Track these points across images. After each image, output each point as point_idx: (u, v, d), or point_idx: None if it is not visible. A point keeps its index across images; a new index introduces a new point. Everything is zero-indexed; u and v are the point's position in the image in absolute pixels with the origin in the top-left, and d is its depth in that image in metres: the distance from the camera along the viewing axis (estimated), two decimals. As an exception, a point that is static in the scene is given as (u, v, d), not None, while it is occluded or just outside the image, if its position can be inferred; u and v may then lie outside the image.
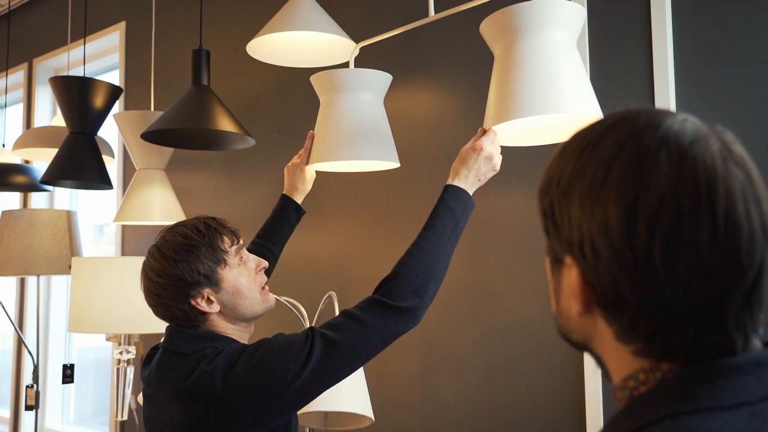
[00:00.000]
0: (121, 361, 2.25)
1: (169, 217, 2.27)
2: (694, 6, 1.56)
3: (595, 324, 0.60)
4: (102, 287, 2.09)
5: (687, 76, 1.57)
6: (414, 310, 1.19)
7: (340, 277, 2.21)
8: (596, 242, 0.56)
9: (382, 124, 1.64)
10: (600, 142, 0.58)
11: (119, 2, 3.19)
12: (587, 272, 0.57)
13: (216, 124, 1.83)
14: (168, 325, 1.29)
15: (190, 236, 1.22)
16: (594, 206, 0.56)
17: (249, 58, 1.93)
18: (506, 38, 1.23)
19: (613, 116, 0.60)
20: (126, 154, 3.02)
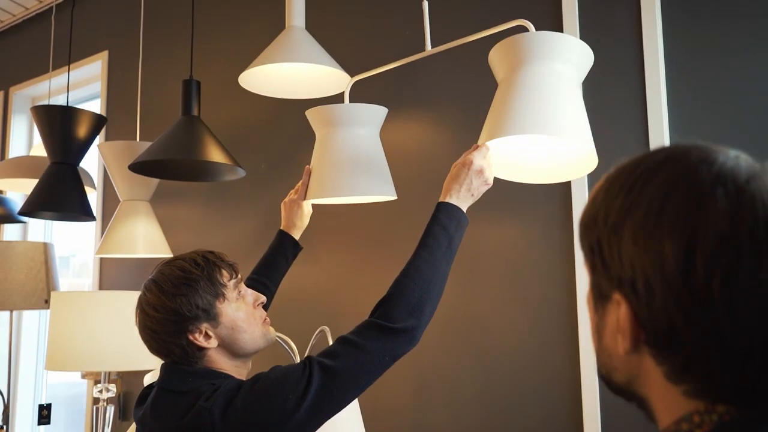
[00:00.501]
0: (101, 399, 2.16)
1: (154, 249, 2.21)
2: (686, 42, 1.59)
3: (641, 363, 0.58)
4: (82, 323, 2.02)
5: (680, 113, 1.58)
6: (412, 330, 1.17)
7: (331, 311, 2.16)
8: (650, 280, 0.54)
9: (379, 159, 1.63)
10: (651, 178, 0.57)
11: (102, 32, 3.16)
12: (638, 310, 0.55)
13: (207, 155, 1.79)
14: (163, 362, 1.24)
15: (189, 270, 1.19)
16: (648, 243, 0.54)
17: (237, 88, 1.91)
18: (512, 64, 1.24)
19: (661, 152, 0.59)
20: (106, 185, 2.96)
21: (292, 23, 1.85)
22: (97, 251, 2.24)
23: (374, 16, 2.19)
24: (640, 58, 1.63)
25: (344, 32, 2.24)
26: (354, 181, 1.56)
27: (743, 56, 1.51)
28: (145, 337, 1.21)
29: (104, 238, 2.21)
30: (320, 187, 1.59)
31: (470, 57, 1.91)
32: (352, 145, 1.60)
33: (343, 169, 1.57)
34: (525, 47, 1.22)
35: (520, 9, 1.86)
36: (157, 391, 1.20)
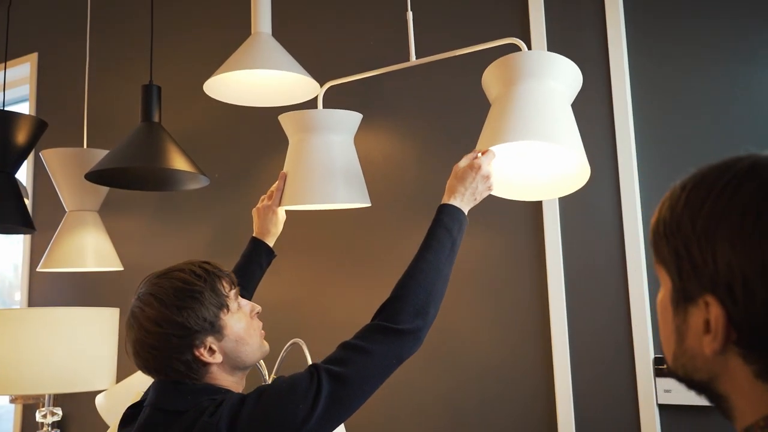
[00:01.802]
0: (45, 425, 2.01)
1: (104, 262, 2.09)
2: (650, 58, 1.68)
3: (727, 363, 0.60)
4: (13, 343, 1.88)
5: (646, 127, 1.67)
6: (417, 332, 1.17)
7: (298, 323, 2.12)
8: (750, 282, 0.56)
9: (354, 165, 1.63)
10: (742, 183, 0.59)
11: (31, 33, 2.97)
12: (733, 311, 0.57)
13: (171, 163, 1.73)
14: (155, 381, 1.17)
15: (191, 281, 1.14)
16: (747, 247, 0.57)
17: (191, 94, 1.84)
18: (509, 79, 1.28)
19: (744, 159, 0.62)
20: (37, 195, 2.78)
21: (259, 29, 1.81)
22: (42, 265, 2.09)
23: (342, 24, 2.18)
24: (607, 75, 1.71)
25: (312, 40, 2.21)
26: (330, 188, 1.55)
27: (704, 72, 1.61)
28: (144, 354, 1.14)
29: (49, 252, 2.07)
30: (296, 194, 1.57)
31: (443, 71, 1.94)
32: (327, 151, 1.58)
33: (319, 176, 1.56)
34: (523, 64, 1.28)
35: (490, 27, 1.90)
36: (150, 411, 1.13)
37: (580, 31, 1.76)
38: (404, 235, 1.98)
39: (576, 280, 1.71)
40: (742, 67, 1.57)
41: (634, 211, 1.64)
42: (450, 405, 1.87)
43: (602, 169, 1.70)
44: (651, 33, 1.68)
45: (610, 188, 1.69)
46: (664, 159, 1.64)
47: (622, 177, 1.66)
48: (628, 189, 1.65)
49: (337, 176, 1.57)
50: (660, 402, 1.57)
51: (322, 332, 2.06)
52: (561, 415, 1.68)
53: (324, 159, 1.57)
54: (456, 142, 1.92)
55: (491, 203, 1.84)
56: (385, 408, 1.95)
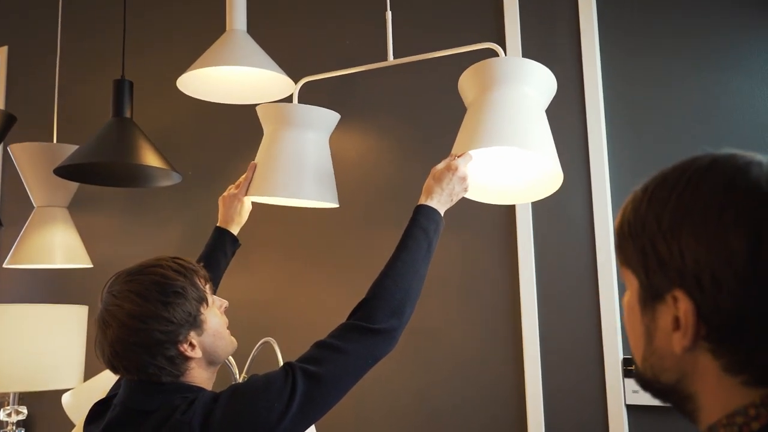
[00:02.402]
0: (10, 423, 1.97)
1: (73, 259, 2.06)
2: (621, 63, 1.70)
3: (696, 360, 0.60)
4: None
5: (618, 131, 1.69)
6: (392, 331, 1.18)
7: (268, 322, 2.10)
8: (718, 273, 0.57)
9: (326, 164, 1.62)
10: (703, 178, 0.61)
11: (2, 26, 2.92)
12: (702, 304, 0.58)
13: (142, 158, 1.70)
14: (126, 379, 1.15)
15: (172, 276, 1.12)
16: (712, 239, 0.57)
17: (164, 90, 1.82)
18: (485, 85, 1.29)
19: (704, 158, 0.63)
20: (5, 190, 2.72)
21: (234, 26, 1.80)
22: (8, 261, 2.05)
23: (319, 22, 2.17)
24: (580, 80, 1.73)
25: (288, 37, 2.20)
26: (298, 183, 1.54)
27: (677, 77, 1.64)
28: (125, 353, 1.10)
29: (16, 247, 2.03)
30: (264, 185, 1.55)
31: (420, 72, 1.94)
32: (302, 147, 1.57)
33: (289, 170, 1.54)
34: (498, 70, 1.29)
35: (467, 29, 1.91)
36: (121, 409, 1.12)
37: (554, 36, 1.78)
38: (378, 234, 1.98)
39: (547, 282, 1.72)
40: (716, 74, 1.60)
41: (605, 215, 1.66)
42: (422, 404, 1.87)
43: (574, 174, 1.71)
44: (624, 38, 1.70)
45: (582, 192, 1.70)
46: (637, 164, 1.66)
47: (594, 181, 1.68)
48: (600, 193, 1.67)
49: (306, 172, 1.56)
50: (628, 402, 1.59)
51: (294, 331, 2.05)
52: (531, 414, 1.69)
53: (296, 154, 1.56)
54: (431, 143, 1.93)
55: (465, 206, 1.85)
56: (357, 407, 1.95)
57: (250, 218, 2.15)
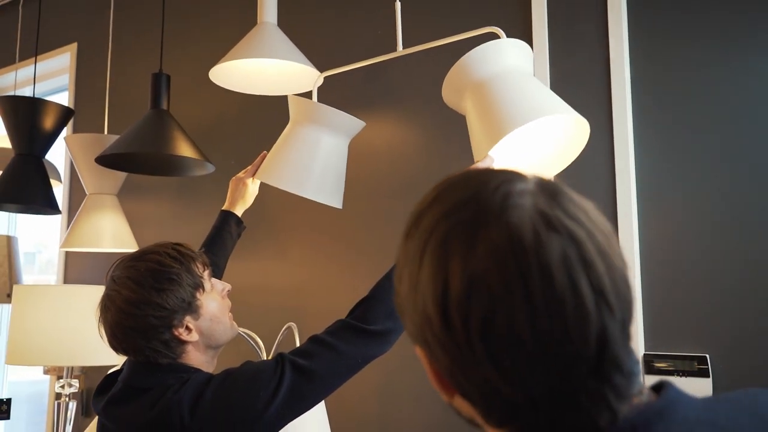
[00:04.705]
0: (63, 395, 2.13)
1: (121, 244, 2.19)
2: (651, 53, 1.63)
3: (467, 405, 0.54)
4: (45, 317, 1.99)
5: (645, 120, 1.62)
6: (387, 334, 1.18)
7: (298, 308, 2.16)
8: (426, 336, 0.50)
9: (338, 167, 1.63)
10: (421, 220, 0.53)
11: (71, 23, 3.11)
12: (434, 364, 0.52)
13: (175, 149, 1.78)
14: (129, 358, 1.22)
15: (168, 263, 1.17)
16: (416, 297, 0.50)
17: (207, 83, 1.90)
18: (473, 82, 1.27)
19: (437, 187, 0.55)
20: (72, 178, 2.92)
21: (264, 19, 1.85)
22: (62, 244, 2.21)
23: (346, 14, 2.19)
24: (607, 63, 1.67)
25: (316, 29, 2.24)
26: (303, 180, 1.55)
27: (707, 64, 1.55)
28: (123, 336, 1.17)
29: (69, 232, 2.18)
30: (270, 172, 1.58)
31: (440, 59, 1.93)
32: (318, 146, 1.59)
33: (297, 165, 1.56)
34: (473, 65, 1.26)
35: (491, 15, 1.88)
36: (122, 387, 1.18)
37: (580, 23, 1.72)
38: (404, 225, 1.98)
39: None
40: (745, 60, 1.50)
41: (629, 213, 1.59)
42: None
43: (598, 164, 1.65)
44: (653, 26, 1.62)
45: (605, 185, 1.65)
46: (664, 150, 1.58)
47: (619, 175, 1.62)
48: (624, 184, 1.61)
49: (315, 172, 1.58)
50: (648, 401, 1.53)
51: (321, 317, 2.09)
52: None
53: (310, 152, 1.59)
54: (459, 132, 1.91)
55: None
56: (382, 392, 1.98)
57: (281, 206, 2.21)
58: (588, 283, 0.46)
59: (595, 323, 0.46)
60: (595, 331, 0.46)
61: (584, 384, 0.47)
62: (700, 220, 1.52)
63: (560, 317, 0.46)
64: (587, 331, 0.46)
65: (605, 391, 0.47)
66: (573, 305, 0.46)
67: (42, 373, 2.73)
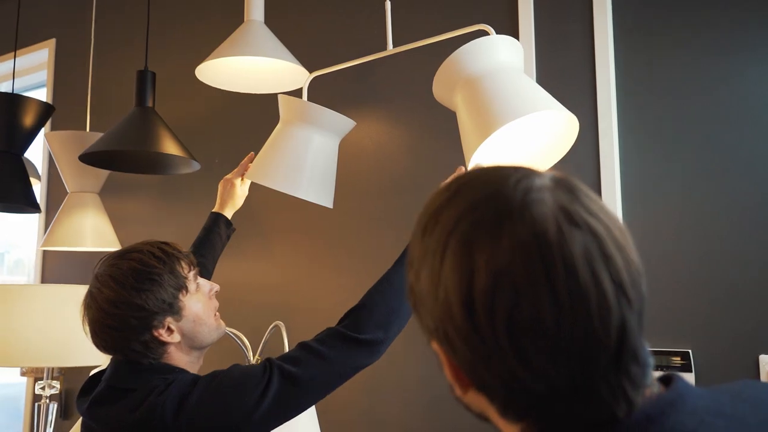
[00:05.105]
0: (43, 396, 2.09)
1: (103, 243, 2.16)
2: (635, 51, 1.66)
3: (481, 400, 0.55)
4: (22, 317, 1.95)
5: (629, 117, 1.65)
6: (376, 344, 1.17)
7: (285, 307, 2.16)
8: (447, 330, 0.51)
9: (329, 167, 1.63)
10: (440, 216, 0.53)
11: (49, 19, 3.06)
12: (453, 358, 0.53)
13: (162, 147, 1.77)
14: (113, 357, 1.20)
15: (150, 263, 1.15)
16: (437, 290, 0.51)
17: (192, 81, 1.88)
18: (463, 79, 1.28)
19: (454, 183, 0.56)
20: (51, 176, 2.87)
21: (251, 17, 1.84)
22: (43, 244, 2.17)
23: (335, 13, 2.19)
24: (592, 61, 1.69)
25: (303, 28, 2.24)
26: (294, 180, 1.55)
27: (691, 63, 1.58)
28: (103, 335, 1.16)
29: (50, 231, 2.15)
30: (260, 171, 1.57)
31: (430, 58, 1.93)
32: (309, 146, 1.59)
33: (288, 165, 1.56)
34: (466, 60, 1.27)
35: (478, 13, 1.90)
36: (105, 386, 1.17)
37: (567, 21, 1.75)
38: (394, 224, 1.99)
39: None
40: (729, 59, 1.54)
41: (613, 205, 1.62)
42: (428, 388, 1.88)
43: (583, 164, 1.68)
44: (639, 22, 1.65)
45: (590, 183, 1.67)
46: (647, 149, 1.61)
47: (603, 171, 1.65)
48: (609, 175, 1.63)
49: (305, 172, 1.58)
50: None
51: (307, 316, 2.09)
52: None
53: (300, 152, 1.58)
54: (448, 131, 1.92)
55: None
56: (370, 388, 1.98)
57: (272, 208, 2.20)
58: (609, 276, 0.48)
59: (616, 316, 0.48)
60: (616, 323, 0.48)
61: (604, 375, 0.48)
62: (684, 217, 1.55)
63: (584, 310, 0.47)
64: (609, 323, 0.48)
65: (623, 381, 0.49)
66: (596, 298, 0.47)
67: (19, 375, 2.68)
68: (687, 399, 0.51)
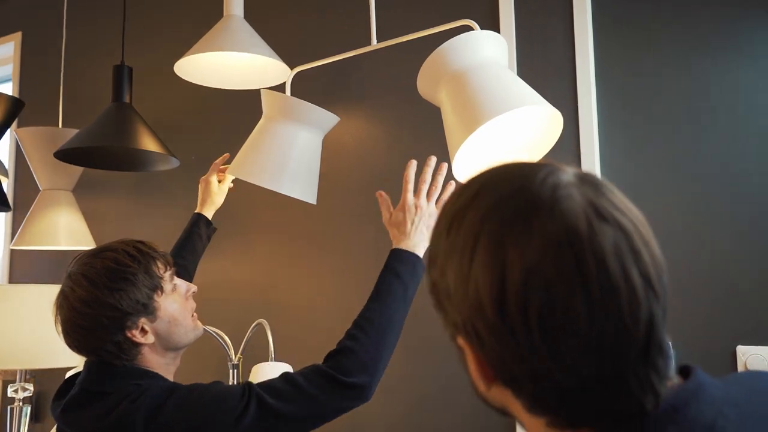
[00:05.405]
0: (16, 399, 2.04)
1: (77, 241, 2.11)
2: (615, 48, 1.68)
3: (505, 396, 0.56)
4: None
5: (609, 112, 1.68)
6: (363, 388, 1.13)
7: (265, 305, 2.14)
8: (476, 325, 0.52)
9: (312, 163, 1.62)
10: (466, 213, 0.53)
11: (14, 12, 2.97)
12: (479, 353, 0.53)
13: (140, 143, 1.74)
14: (87, 360, 1.17)
15: (124, 262, 1.13)
16: (466, 286, 0.52)
17: (167, 76, 1.85)
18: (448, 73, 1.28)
19: (477, 180, 0.56)
20: (19, 173, 2.79)
21: (231, 12, 1.82)
22: (14, 243, 2.11)
23: (315, 8, 2.18)
24: (572, 58, 1.71)
25: (284, 23, 2.22)
26: (276, 175, 1.54)
27: (671, 59, 1.62)
28: (74, 335, 1.13)
29: (22, 229, 2.09)
30: (242, 167, 1.56)
31: (413, 54, 1.94)
32: (292, 141, 1.58)
33: (271, 160, 1.55)
34: (451, 55, 1.26)
35: (458, 9, 1.91)
36: (78, 390, 1.14)
37: (547, 17, 1.77)
38: (375, 221, 1.99)
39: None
40: (708, 56, 1.57)
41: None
42: (411, 388, 1.89)
43: (564, 155, 1.70)
44: (618, 17, 1.68)
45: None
46: (628, 144, 1.64)
47: (584, 167, 1.67)
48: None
49: (288, 167, 1.56)
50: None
51: (288, 314, 2.08)
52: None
53: (284, 147, 1.57)
54: (429, 129, 1.93)
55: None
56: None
57: (248, 204, 2.18)
58: (638, 271, 0.49)
59: (645, 310, 0.49)
60: (645, 317, 0.49)
61: (634, 368, 0.49)
62: (661, 210, 1.58)
63: (615, 305, 0.48)
64: (639, 317, 0.49)
65: (651, 374, 0.50)
66: (626, 293, 0.48)
67: (-12, 377, 2.61)
68: (706, 389, 0.53)
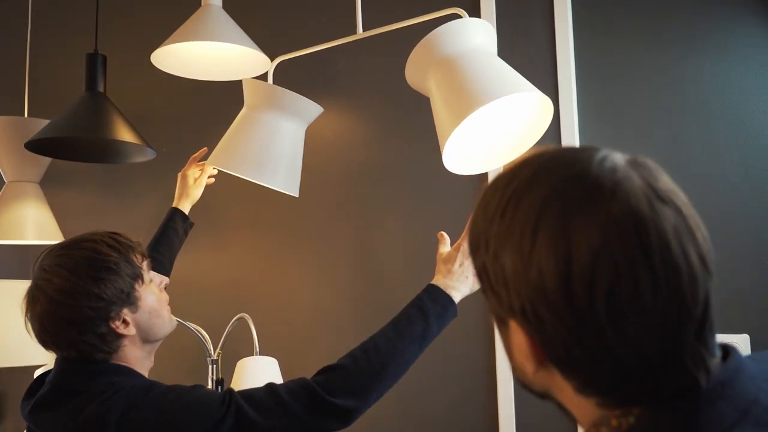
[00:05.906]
0: (-19, 400, 1.96)
1: (45, 235, 2.04)
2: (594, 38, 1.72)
3: (552, 377, 0.57)
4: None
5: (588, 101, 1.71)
6: (348, 411, 1.07)
7: (244, 299, 2.11)
8: (537, 307, 0.52)
9: (295, 154, 1.60)
10: (523, 197, 0.54)
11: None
12: (535, 335, 0.54)
13: (116, 134, 1.69)
14: (58, 357, 1.13)
15: (105, 252, 1.10)
16: (527, 269, 0.52)
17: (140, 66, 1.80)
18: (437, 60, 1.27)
19: (531, 164, 0.57)
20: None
21: (209, 1, 1.78)
22: (-22, 237, 2.03)
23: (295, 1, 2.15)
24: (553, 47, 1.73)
25: (264, 11, 2.18)
26: (259, 165, 1.51)
27: (649, 49, 1.65)
28: (53, 328, 1.09)
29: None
30: (224, 158, 1.53)
31: (396, 45, 1.94)
32: (275, 131, 1.56)
33: (253, 150, 1.52)
34: (441, 42, 1.26)
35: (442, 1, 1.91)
36: (49, 389, 1.10)
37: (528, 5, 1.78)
38: (354, 214, 1.98)
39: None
40: (688, 46, 1.61)
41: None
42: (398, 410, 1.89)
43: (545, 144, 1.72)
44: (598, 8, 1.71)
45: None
46: (608, 134, 1.67)
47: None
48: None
49: (271, 157, 1.54)
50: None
51: (263, 309, 2.06)
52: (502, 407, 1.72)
53: (267, 137, 1.54)
54: (410, 122, 1.93)
55: (435, 209, 1.86)
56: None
57: (223, 198, 2.15)
58: (695, 250, 0.51)
59: (702, 288, 0.51)
60: (702, 295, 0.51)
61: (690, 345, 0.51)
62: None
63: (677, 283, 0.50)
64: (698, 295, 0.51)
65: (703, 351, 0.52)
66: (687, 272, 0.50)
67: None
68: (745, 367, 0.55)
